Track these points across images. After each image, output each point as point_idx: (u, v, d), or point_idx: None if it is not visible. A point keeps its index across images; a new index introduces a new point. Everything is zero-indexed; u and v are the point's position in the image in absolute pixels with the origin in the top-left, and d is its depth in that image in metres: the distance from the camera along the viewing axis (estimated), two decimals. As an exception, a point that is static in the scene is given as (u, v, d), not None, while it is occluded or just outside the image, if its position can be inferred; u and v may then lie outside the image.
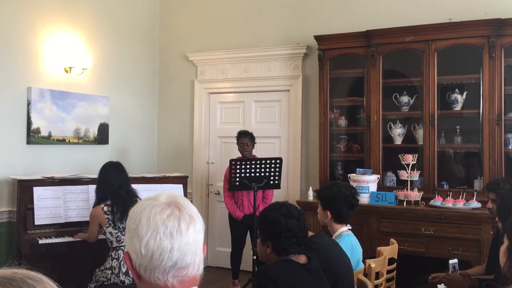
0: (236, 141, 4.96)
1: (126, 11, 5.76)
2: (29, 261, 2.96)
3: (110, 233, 3.50)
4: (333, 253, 2.51)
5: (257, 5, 5.69)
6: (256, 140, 4.98)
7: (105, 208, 3.52)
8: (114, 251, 3.50)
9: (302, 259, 2.17)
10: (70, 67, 4.92)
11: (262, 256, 2.26)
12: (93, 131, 5.23)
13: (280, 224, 2.15)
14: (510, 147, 4.35)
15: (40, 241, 3.95)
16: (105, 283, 3.45)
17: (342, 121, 5.05)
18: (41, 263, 3.62)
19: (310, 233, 2.62)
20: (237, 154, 4.95)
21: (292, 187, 5.46)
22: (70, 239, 4.03)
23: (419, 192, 4.39)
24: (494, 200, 3.11)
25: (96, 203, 3.64)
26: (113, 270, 3.44)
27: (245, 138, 4.88)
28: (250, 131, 5.00)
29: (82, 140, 5.12)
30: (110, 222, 3.50)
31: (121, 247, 3.48)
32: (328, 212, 2.88)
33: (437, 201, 4.26)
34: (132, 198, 3.55)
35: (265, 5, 5.64)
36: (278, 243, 2.15)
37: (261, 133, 5.59)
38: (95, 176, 3.80)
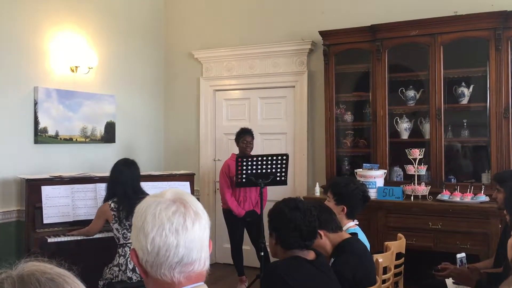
0: (236, 138, 4.93)
1: (131, 10, 5.77)
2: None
3: (117, 229, 3.55)
4: (365, 255, 2.54)
5: (261, 2, 5.68)
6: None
7: (112, 205, 3.56)
8: (121, 248, 3.54)
9: (310, 255, 2.17)
10: (76, 67, 4.94)
11: (270, 248, 2.28)
12: (100, 130, 5.26)
13: (283, 215, 2.16)
14: (518, 140, 4.32)
15: (49, 240, 3.97)
16: (112, 280, 3.48)
17: (348, 117, 5.04)
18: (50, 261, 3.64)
19: (345, 234, 2.62)
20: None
21: (298, 183, 5.45)
22: (78, 237, 4.06)
23: (426, 186, 4.37)
24: (499, 190, 3.16)
25: (106, 199, 3.67)
26: (120, 267, 3.47)
27: (248, 136, 4.86)
28: (250, 128, 4.99)
29: (89, 139, 5.14)
30: (116, 219, 3.53)
31: (128, 244, 3.51)
32: (345, 208, 2.89)
33: (445, 196, 4.24)
34: (139, 195, 3.56)
35: (269, 1, 5.63)
36: (281, 234, 2.16)
37: (267, 129, 5.59)
38: (103, 174, 3.82)
